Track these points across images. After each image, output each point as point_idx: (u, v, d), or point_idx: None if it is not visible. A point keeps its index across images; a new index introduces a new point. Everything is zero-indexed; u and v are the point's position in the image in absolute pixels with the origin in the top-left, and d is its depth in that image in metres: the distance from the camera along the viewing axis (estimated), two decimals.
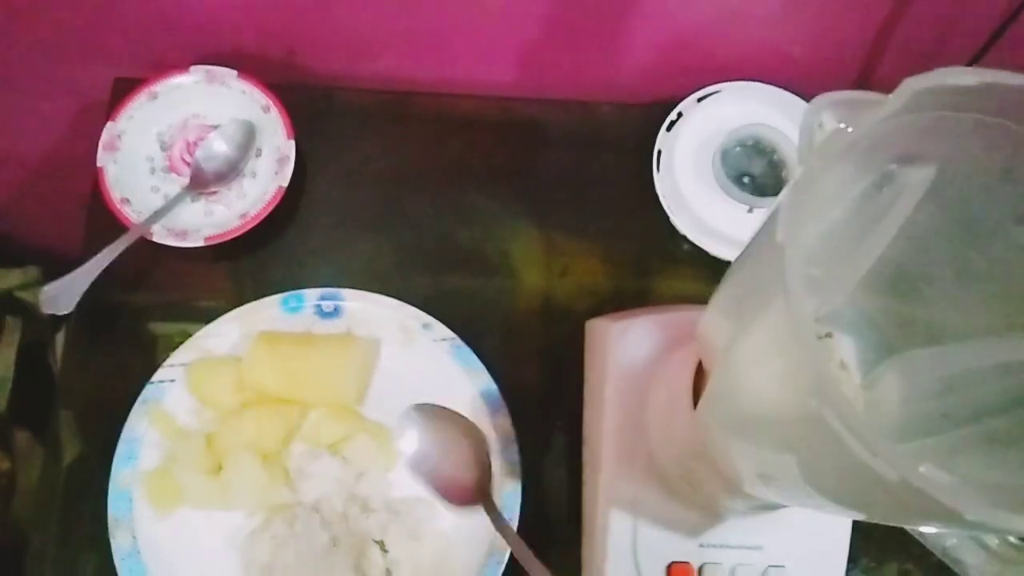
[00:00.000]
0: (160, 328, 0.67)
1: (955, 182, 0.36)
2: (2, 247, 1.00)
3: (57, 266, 0.97)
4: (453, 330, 0.65)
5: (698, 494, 0.53)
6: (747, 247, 0.38)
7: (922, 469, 0.25)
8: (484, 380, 0.63)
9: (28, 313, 1.02)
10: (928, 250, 0.40)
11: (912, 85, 0.30)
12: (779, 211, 0.29)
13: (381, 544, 0.60)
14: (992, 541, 0.42)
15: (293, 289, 0.66)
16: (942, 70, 0.30)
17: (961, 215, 0.38)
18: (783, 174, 0.70)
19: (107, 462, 0.61)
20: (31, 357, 1.02)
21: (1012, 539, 0.41)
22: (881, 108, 0.30)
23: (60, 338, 1.07)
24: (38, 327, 1.04)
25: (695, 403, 0.49)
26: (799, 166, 0.31)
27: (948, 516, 0.26)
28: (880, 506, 0.36)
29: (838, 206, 0.38)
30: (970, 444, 0.39)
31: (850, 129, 0.31)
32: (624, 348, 0.57)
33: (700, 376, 0.49)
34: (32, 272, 1.01)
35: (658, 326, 0.58)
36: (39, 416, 1.03)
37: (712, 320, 0.41)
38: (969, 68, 0.29)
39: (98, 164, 0.66)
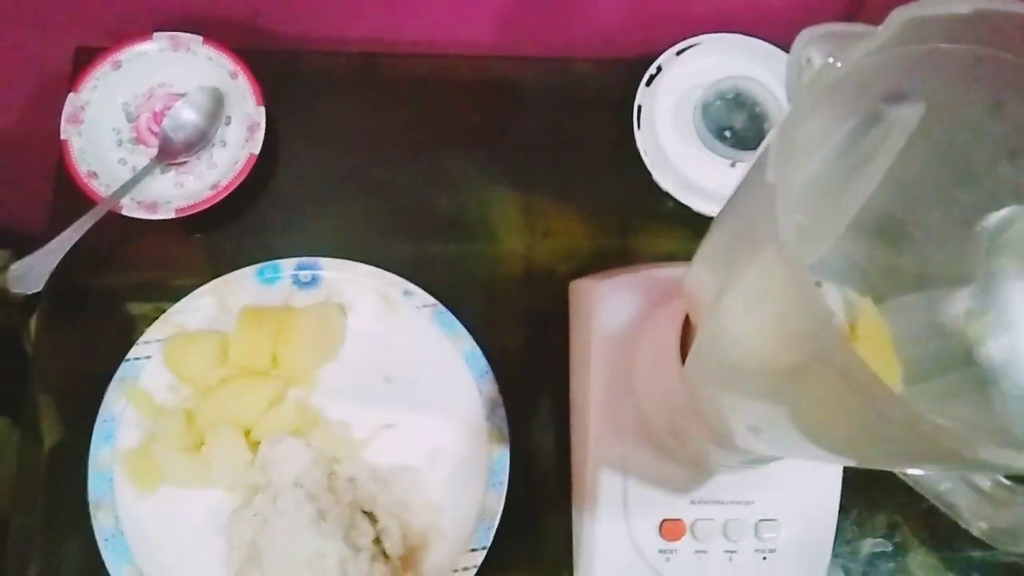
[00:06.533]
0: (134, 304, 0.65)
1: (944, 119, 0.35)
2: None
3: (27, 245, 0.94)
4: (435, 297, 0.63)
5: (687, 450, 0.52)
6: (732, 196, 0.37)
7: None
8: (468, 345, 0.62)
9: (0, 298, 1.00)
10: (916, 192, 0.39)
11: (902, 15, 0.28)
12: (768, 152, 0.28)
13: (370, 515, 0.59)
14: (985, 483, 0.41)
15: (269, 260, 0.64)
16: None
17: (950, 153, 0.37)
18: (764, 127, 0.69)
19: (87, 443, 0.59)
20: (4, 343, 0.99)
21: (1005, 481, 0.41)
22: (870, 40, 0.29)
23: (34, 322, 1.05)
24: (10, 311, 1.01)
25: (683, 359, 0.48)
26: (788, 104, 0.30)
27: (950, 456, 0.26)
28: (877, 451, 0.35)
29: (824, 149, 0.36)
30: (963, 388, 0.39)
31: (839, 64, 0.30)
32: (609, 307, 0.56)
33: (687, 331, 0.48)
34: (2, 255, 0.98)
35: (643, 284, 0.57)
36: (16, 402, 1.01)
37: (698, 273, 0.40)
38: None
39: (62, 137, 0.63)
